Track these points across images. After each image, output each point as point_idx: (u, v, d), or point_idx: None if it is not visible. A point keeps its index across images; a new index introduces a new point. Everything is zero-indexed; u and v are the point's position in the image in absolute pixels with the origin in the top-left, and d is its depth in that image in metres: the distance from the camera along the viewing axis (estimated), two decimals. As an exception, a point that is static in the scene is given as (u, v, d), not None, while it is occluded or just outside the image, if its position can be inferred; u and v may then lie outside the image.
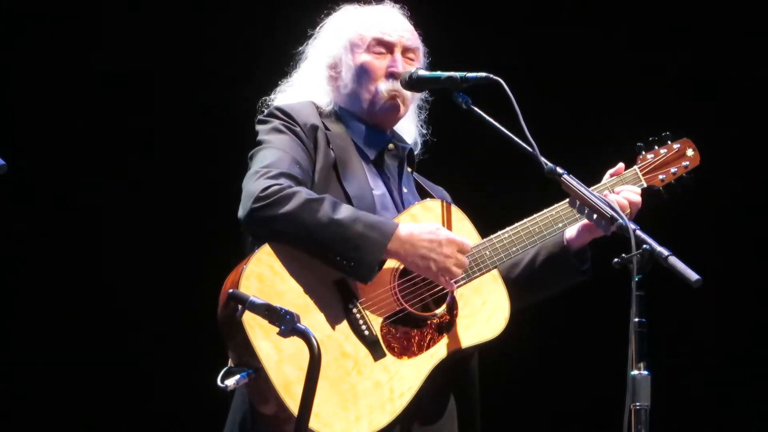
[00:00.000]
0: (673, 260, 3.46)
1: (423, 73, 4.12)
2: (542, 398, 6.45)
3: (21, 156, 4.25)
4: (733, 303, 6.42)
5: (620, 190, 4.16)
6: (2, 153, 3.36)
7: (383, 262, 3.87)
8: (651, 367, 3.35)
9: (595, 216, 3.85)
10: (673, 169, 4.36)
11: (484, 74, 3.95)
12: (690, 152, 4.40)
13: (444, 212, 4.03)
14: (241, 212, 3.85)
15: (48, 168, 6.07)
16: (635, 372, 3.35)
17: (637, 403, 3.34)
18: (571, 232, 4.15)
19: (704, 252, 5.46)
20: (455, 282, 3.91)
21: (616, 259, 3.47)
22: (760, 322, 6.43)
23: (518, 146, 3.83)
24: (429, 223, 3.91)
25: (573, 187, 3.81)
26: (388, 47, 4.19)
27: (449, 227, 3.99)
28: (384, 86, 4.15)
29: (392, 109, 4.15)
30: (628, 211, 4.12)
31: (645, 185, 4.29)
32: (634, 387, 3.34)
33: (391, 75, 4.16)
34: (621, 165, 4.26)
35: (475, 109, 3.96)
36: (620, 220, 3.61)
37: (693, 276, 3.43)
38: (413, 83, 4.12)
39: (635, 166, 4.31)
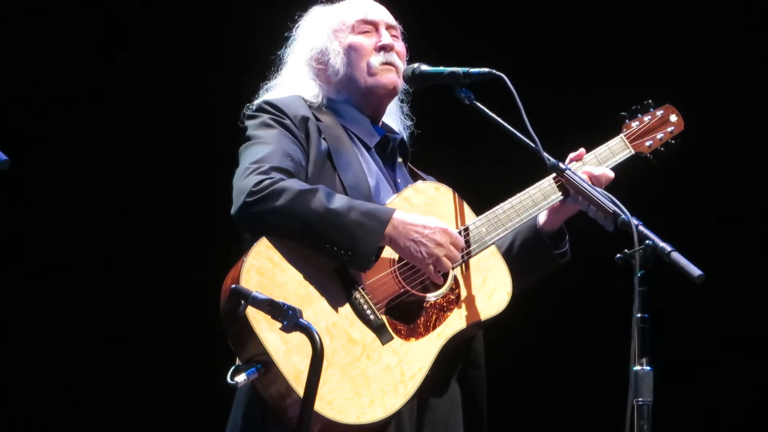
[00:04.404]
0: (676, 256, 3.52)
1: (425, 68, 4.12)
2: (544, 396, 6.53)
3: (23, 152, 4.18)
4: (736, 297, 6.48)
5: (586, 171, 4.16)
6: (5, 149, 3.34)
7: (381, 248, 3.87)
8: (653, 363, 3.40)
9: (597, 212, 3.91)
10: (659, 135, 4.41)
11: (486, 69, 3.97)
12: (674, 118, 4.45)
13: (436, 193, 4.06)
14: (234, 209, 3.84)
15: (48, 166, 6.04)
16: (638, 367, 3.39)
17: (640, 399, 3.39)
18: (542, 216, 4.18)
19: (705, 247, 5.54)
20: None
21: (618, 255, 3.52)
22: (764, 316, 6.53)
23: (521, 142, 3.87)
24: (429, 216, 3.91)
25: (575, 182, 3.86)
26: (373, 25, 4.22)
27: (442, 206, 4.02)
28: (376, 59, 4.16)
29: (389, 80, 4.15)
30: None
31: (633, 152, 4.34)
32: (637, 382, 3.39)
33: (381, 48, 4.18)
34: (582, 150, 4.26)
35: (478, 104, 3.98)
36: (623, 216, 3.65)
37: (696, 272, 3.49)
38: (416, 78, 4.14)
39: (621, 135, 4.35)
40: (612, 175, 4.21)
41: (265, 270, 3.78)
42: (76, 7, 6.06)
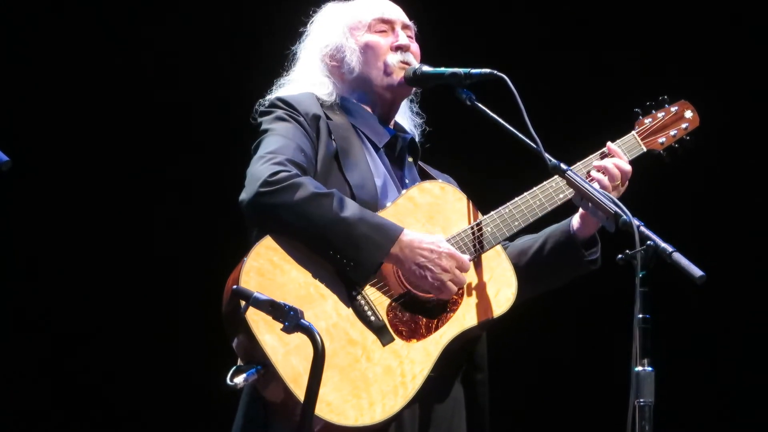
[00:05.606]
0: (677, 256, 3.49)
1: (427, 69, 4.10)
2: (546, 395, 6.51)
3: (24, 152, 4.21)
4: (738, 298, 6.45)
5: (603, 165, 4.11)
6: (6, 148, 3.35)
7: (381, 264, 3.85)
8: (654, 364, 3.37)
9: (599, 212, 3.84)
10: (672, 132, 4.34)
11: (488, 70, 3.94)
12: (689, 114, 4.39)
13: (441, 193, 4.03)
14: (245, 195, 3.81)
15: (51, 164, 6.08)
16: (639, 368, 3.36)
17: (641, 400, 3.36)
18: (576, 221, 4.14)
19: (707, 247, 5.49)
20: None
21: (620, 256, 3.50)
22: (764, 316, 6.49)
23: (522, 142, 3.83)
24: (435, 236, 3.89)
25: (577, 183, 3.82)
26: (389, 25, 4.21)
27: (447, 206, 4.00)
28: (393, 58, 4.16)
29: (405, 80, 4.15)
30: (618, 182, 4.11)
31: (644, 150, 4.28)
32: (638, 383, 3.36)
33: (398, 48, 4.18)
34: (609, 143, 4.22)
35: (479, 105, 3.94)
36: (624, 217, 3.61)
37: (697, 272, 3.46)
38: (417, 79, 4.12)
39: (633, 131, 4.29)
40: (630, 168, 4.14)
41: (266, 271, 3.77)
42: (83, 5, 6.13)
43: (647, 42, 6.47)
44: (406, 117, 4.33)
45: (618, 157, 4.16)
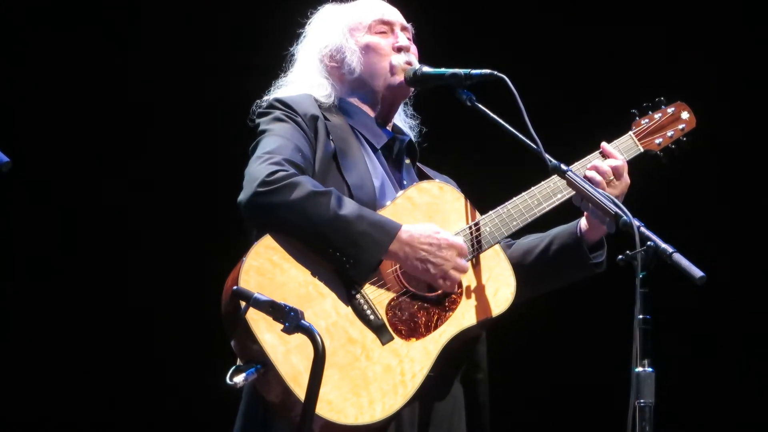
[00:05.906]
0: (678, 257, 3.49)
1: (427, 69, 4.11)
2: (546, 395, 6.51)
3: (25, 152, 4.21)
4: (738, 298, 6.46)
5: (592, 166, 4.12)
6: (6, 149, 3.36)
7: (380, 261, 3.86)
8: (655, 364, 3.36)
9: (599, 213, 3.86)
10: (669, 133, 4.37)
11: (488, 71, 3.94)
12: (685, 115, 4.41)
13: (440, 193, 4.03)
14: (243, 196, 3.82)
15: (51, 164, 6.08)
16: (639, 369, 3.36)
17: (642, 400, 3.36)
18: (584, 223, 4.15)
19: (707, 247, 5.50)
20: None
21: (620, 256, 3.50)
22: (764, 316, 6.51)
23: (522, 143, 3.83)
24: (430, 225, 3.90)
25: (577, 184, 3.83)
26: (389, 26, 4.23)
27: (445, 206, 4.01)
28: (398, 59, 4.17)
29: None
30: (611, 177, 4.12)
31: (641, 150, 4.30)
32: (639, 384, 3.36)
33: (399, 49, 4.19)
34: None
35: (480, 106, 3.95)
36: (624, 217, 3.62)
37: (697, 273, 3.46)
38: (417, 80, 4.13)
39: (630, 132, 4.31)
40: (621, 163, 4.14)
41: (265, 270, 3.77)
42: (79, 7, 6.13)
43: (647, 42, 6.48)
44: (402, 119, 4.34)
45: (611, 156, 4.17)
